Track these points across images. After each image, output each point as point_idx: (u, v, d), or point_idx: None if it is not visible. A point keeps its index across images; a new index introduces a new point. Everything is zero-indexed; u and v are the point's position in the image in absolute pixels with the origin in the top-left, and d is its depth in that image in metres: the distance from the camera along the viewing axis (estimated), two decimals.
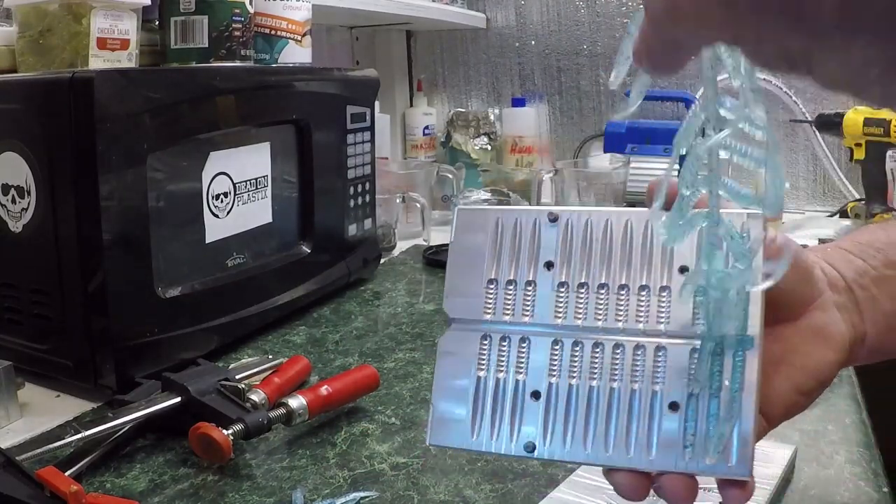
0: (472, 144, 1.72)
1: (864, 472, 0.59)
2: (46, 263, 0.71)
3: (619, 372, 0.37)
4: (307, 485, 0.59)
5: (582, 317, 0.38)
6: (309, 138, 0.95)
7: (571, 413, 0.37)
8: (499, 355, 0.39)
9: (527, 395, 0.38)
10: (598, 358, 0.37)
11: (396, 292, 1.07)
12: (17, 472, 0.53)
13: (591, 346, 0.37)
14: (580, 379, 0.37)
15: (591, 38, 1.72)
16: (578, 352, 0.37)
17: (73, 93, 0.67)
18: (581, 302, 0.38)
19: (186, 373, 0.68)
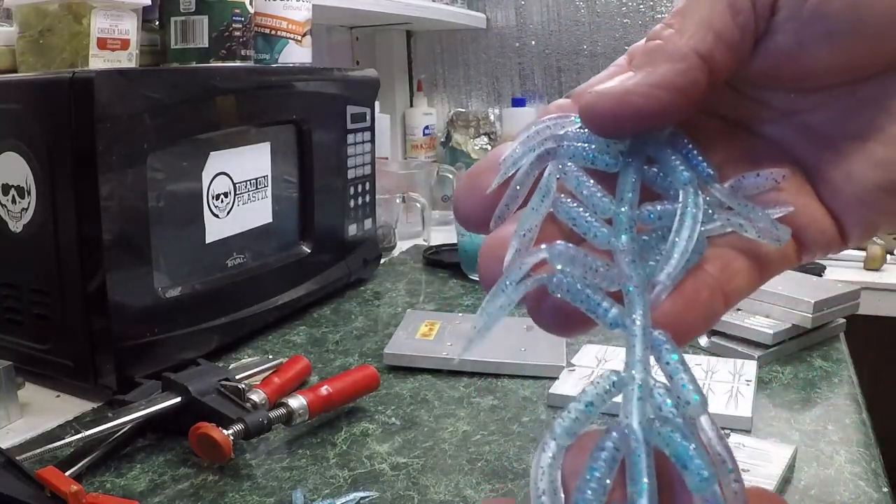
0: (472, 144, 1.72)
1: (864, 472, 0.59)
2: (46, 263, 0.71)
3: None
4: (307, 485, 0.59)
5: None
6: (309, 138, 0.95)
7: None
8: None
9: None
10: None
11: (396, 292, 1.08)
12: (17, 472, 0.53)
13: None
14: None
15: (591, 38, 1.72)
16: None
17: (73, 93, 0.67)
18: None
19: (186, 373, 0.68)
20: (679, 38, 0.24)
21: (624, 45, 1.69)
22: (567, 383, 0.73)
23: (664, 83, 0.23)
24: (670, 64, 0.23)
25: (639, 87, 0.23)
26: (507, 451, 0.64)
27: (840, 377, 0.77)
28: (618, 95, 0.23)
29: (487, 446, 0.65)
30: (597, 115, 0.24)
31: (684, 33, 0.24)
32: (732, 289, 0.24)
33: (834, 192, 0.25)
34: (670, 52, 0.24)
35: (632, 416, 0.21)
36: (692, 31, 0.24)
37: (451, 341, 0.83)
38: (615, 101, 0.23)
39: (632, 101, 0.23)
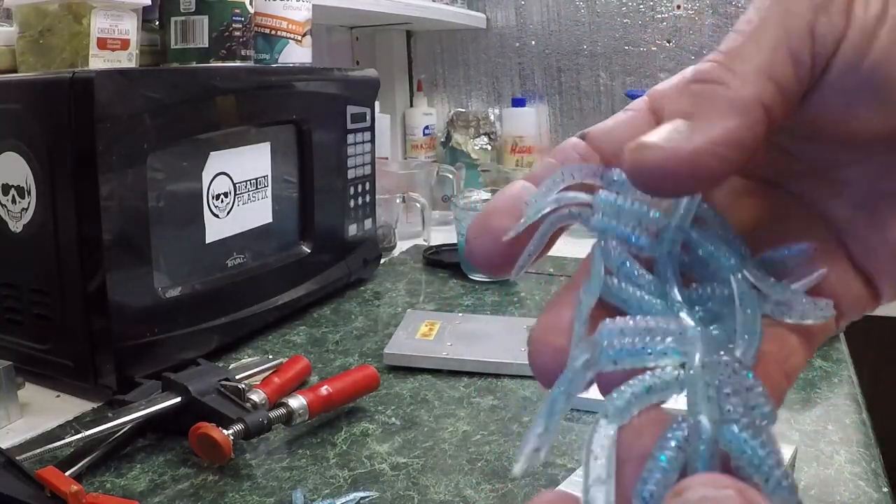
0: (472, 144, 1.72)
1: (864, 472, 0.59)
2: (46, 263, 0.71)
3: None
4: (307, 485, 0.59)
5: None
6: (309, 138, 0.95)
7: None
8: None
9: None
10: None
11: (396, 292, 1.07)
12: (17, 472, 0.53)
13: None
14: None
15: (591, 38, 1.72)
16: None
17: (73, 93, 0.67)
18: None
19: (186, 373, 0.68)
20: (741, 85, 0.21)
21: (624, 44, 1.69)
22: None
23: (728, 140, 0.20)
24: (735, 116, 0.21)
25: (709, 146, 0.20)
26: (507, 451, 0.64)
27: (840, 377, 0.77)
28: (675, 154, 0.20)
29: (487, 446, 0.65)
30: (650, 174, 0.21)
31: (746, 80, 0.21)
32: (791, 367, 0.23)
33: (868, 254, 0.25)
34: (733, 101, 0.21)
35: (701, 412, 0.20)
36: (753, 79, 0.21)
37: (451, 341, 0.83)
38: (673, 159, 0.20)
39: (701, 161, 0.20)
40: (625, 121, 0.25)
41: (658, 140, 0.21)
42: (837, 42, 0.21)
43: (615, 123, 0.25)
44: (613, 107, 1.73)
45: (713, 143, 0.20)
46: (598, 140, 0.25)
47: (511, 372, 0.78)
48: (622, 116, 0.25)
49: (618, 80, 1.72)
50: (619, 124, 0.25)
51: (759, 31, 0.22)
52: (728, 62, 0.21)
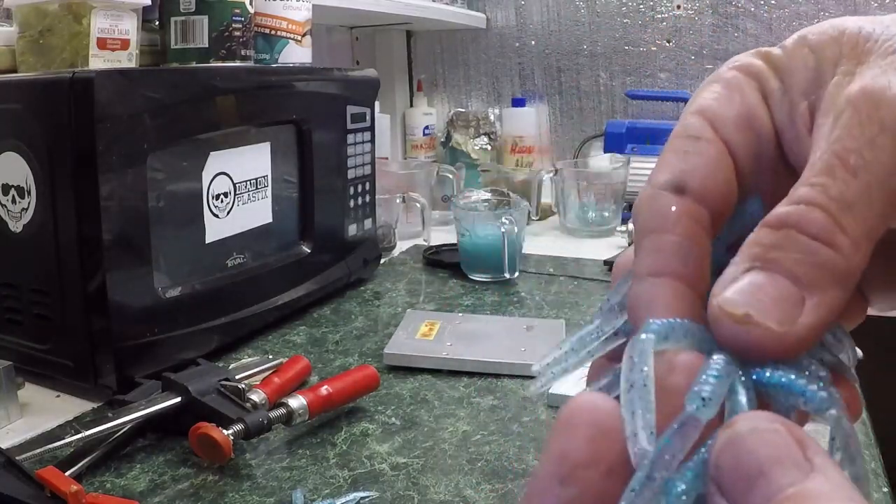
0: (472, 144, 1.72)
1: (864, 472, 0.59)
2: (46, 263, 0.71)
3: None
4: (307, 485, 0.59)
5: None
6: (309, 138, 0.95)
7: None
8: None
9: None
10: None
11: (396, 292, 1.07)
12: (17, 472, 0.53)
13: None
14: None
15: (591, 38, 1.72)
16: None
17: (73, 93, 0.67)
18: None
19: (186, 373, 0.68)
20: (851, 252, 0.19)
21: (624, 44, 1.69)
22: (567, 383, 0.73)
23: (833, 316, 0.19)
24: (843, 292, 0.19)
25: (814, 328, 0.19)
26: (507, 451, 0.64)
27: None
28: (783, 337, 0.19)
29: (487, 446, 0.65)
30: (751, 349, 0.19)
31: (857, 248, 0.19)
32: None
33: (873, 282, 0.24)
34: (846, 275, 0.19)
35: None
36: (864, 248, 0.19)
37: (451, 341, 0.83)
38: (780, 343, 0.19)
39: (801, 342, 0.19)
40: (713, 163, 0.22)
41: (767, 318, 0.19)
42: None
43: (705, 167, 0.22)
44: (613, 107, 1.73)
45: (820, 325, 0.19)
46: (703, 198, 0.22)
47: (511, 372, 0.78)
48: (704, 152, 0.22)
49: (618, 80, 1.72)
50: (705, 164, 0.22)
51: (871, 179, 0.19)
52: (839, 215, 0.19)
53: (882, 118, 0.20)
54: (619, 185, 1.38)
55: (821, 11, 1.52)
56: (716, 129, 0.22)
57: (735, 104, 0.22)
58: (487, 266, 1.10)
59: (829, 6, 1.51)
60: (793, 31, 0.23)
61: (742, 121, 0.22)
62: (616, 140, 1.56)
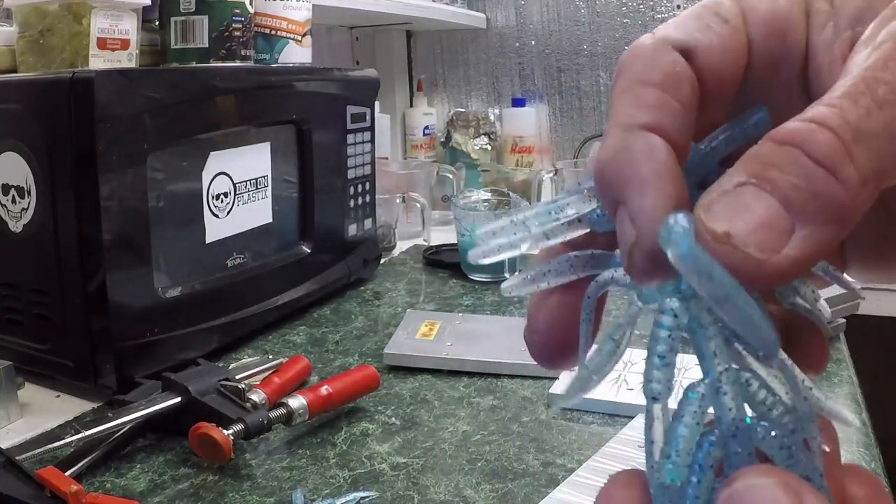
0: (472, 144, 1.72)
1: None
2: (46, 263, 0.71)
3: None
4: (307, 485, 0.59)
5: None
6: (309, 138, 0.95)
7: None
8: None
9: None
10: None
11: (396, 292, 1.07)
12: (17, 472, 0.53)
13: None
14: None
15: (591, 38, 1.72)
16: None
17: (73, 93, 0.67)
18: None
19: (186, 373, 0.68)
20: (858, 188, 0.17)
21: (624, 44, 1.69)
22: (567, 383, 0.73)
23: (823, 253, 0.18)
24: (839, 229, 0.18)
25: (799, 262, 0.18)
26: (507, 451, 0.64)
27: (840, 377, 0.77)
28: (774, 272, 0.18)
29: (487, 446, 0.65)
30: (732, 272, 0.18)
31: (865, 185, 0.18)
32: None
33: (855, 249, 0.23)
34: (845, 211, 0.18)
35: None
36: (871, 186, 0.18)
37: (451, 341, 0.83)
38: (760, 270, 0.18)
39: (784, 276, 0.18)
40: (727, 44, 0.20)
41: (748, 242, 0.18)
42: None
43: (722, 47, 0.20)
44: None
45: (805, 259, 0.18)
46: (706, 72, 0.20)
47: (511, 372, 0.78)
48: (724, 35, 0.20)
49: None
50: (726, 50, 0.20)
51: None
52: (851, 144, 0.18)
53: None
54: None
55: None
56: (746, 21, 0.21)
57: (778, 13, 0.21)
58: (487, 266, 1.10)
59: None
60: None
61: (774, 25, 0.21)
62: None
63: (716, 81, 0.20)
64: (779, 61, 0.21)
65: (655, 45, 0.20)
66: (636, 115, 0.19)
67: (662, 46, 0.20)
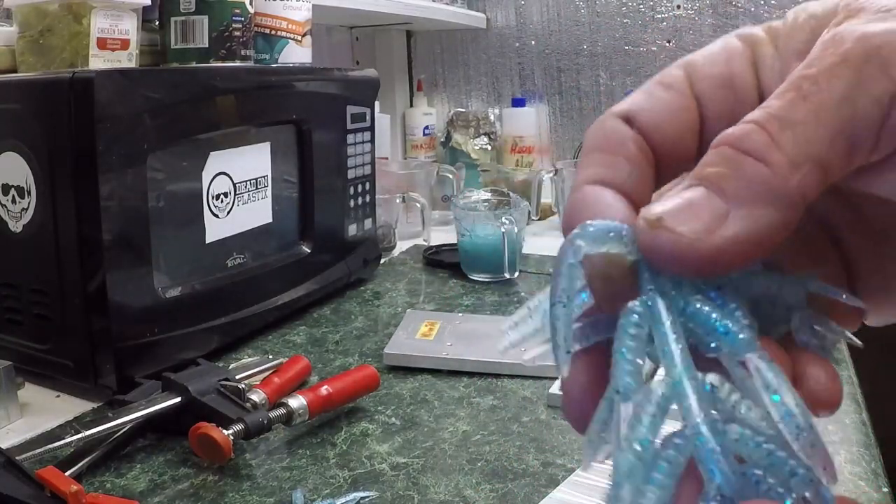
0: (472, 144, 1.72)
1: (864, 472, 0.59)
2: (46, 263, 0.71)
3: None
4: (307, 485, 0.59)
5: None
6: (309, 138, 0.95)
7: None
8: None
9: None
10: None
11: (396, 292, 1.07)
12: (17, 472, 0.53)
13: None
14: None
15: (591, 38, 1.72)
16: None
17: (73, 93, 0.67)
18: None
19: (186, 373, 0.68)
20: (788, 172, 0.19)
21: (624, 44, 1.69)
22: None
23: (763, 238, 0.19)
24: (775, 211, 0.19)
25: (735, 243, 0.18)
26: (507, 451, 0.64)
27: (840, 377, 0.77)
28: (694, 246, 0.19)
29: (487, 446, 0.65)
30: (663, 258, 0.19)
31: (796, 168, 0.19)
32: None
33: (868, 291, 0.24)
34: (775, 192, 0.19)
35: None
36: (806, 170, 0.19)
37: (451, 341, 0.83)
38: (691, 251, 0.19)
39: (722, 259, 0.19)
40: (671, 105, 0.22)
41: (678, 224, 0.19)
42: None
43: (662, 107, 0.22)
44: None
45: (740, 240, 0.18)
46: (648, 130, 0.22)
47: (511, 372, 0.78)
48: (664, 98, 0.22)
49: (618, 80, 1.72)
50: (667, 108, 0.22)
51: (821, 102, 0.19)
52: (777, 132, 0.19)
53: (846, 52, 0.19)
54: None
55: None
56: (692, 83, 0.22)
57: (719, 65, 0.23)
58: (487, 266, 1.10)
59: None
60: None
61: (722, 80, 0.23)
62: None
63: (662, 137, 0.22)
64: (734, 110, 0.22)
65: (603, 118, 0.23)
66: (583, 175, 0.21)
67: (608, 118, 0.22)
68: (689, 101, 0.22)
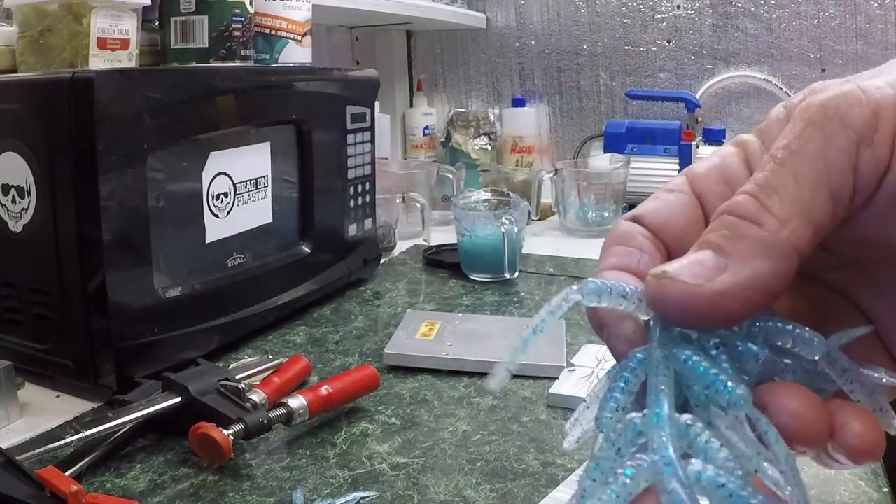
0: (472, 144, 1.72)
1: (864, 472, 0.59)
2: (46, 263, 0.71)
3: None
4: (307, 485, 0.59)
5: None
6: (309, 138, 0.95)
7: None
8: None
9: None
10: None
11: (396, 292, 1.07)
12: (17, 472, 0.53)
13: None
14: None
15: (591, 38, 1.72)
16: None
17: (73, 93, 0.67)
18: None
19: (186, 373, 0.68)
20: (777, 227, 0.21)
21: (624, 44, 1.69)
22: (567, 383, 0.73)
23: (760, 285, 0.21)
24: (770, 262, 0.21)
25: (734, 288, 0.21)
26: (507, 451, 0.64)
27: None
28: (697, 293, 0.21)
29: (487, 446, 0.65)
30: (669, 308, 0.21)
31: (785, 224, 0.21)
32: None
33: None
34: (767, 244, 0.21)
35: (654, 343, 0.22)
36: (794, 225, 0.21)
37: (451, 341, 0.83)
38: (694, 298, 0.21)
39: (723, 304, 0.21)
40: (674, 204, 0.25)
41: (681, 274, 0.21)
42: (881, 176, 0.21)
43: (666, 206, 0.26)
44: (613, 106, 1.73)
45: (739, 287, 0.21)
46: (656, 226, 0.25)
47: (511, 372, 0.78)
48: (669, 198, 0.26)
49: (618, 80, 1.72)
50: (670, 208, 0.25)
51: (797, 164, 0.21)
52: (764, 198, 0.21)
53: (811, 116, 0.22)
54: (619, 186, 1.38)
55: (820, 11, 1.52)
56: (692, 184, 0.26)
57: (715, 166, 0.26)
58: (487, 266, 1.10)
59: (829, 6, 1.51)
60: (793, 31, 0.25)
61: (719, 178, 0.26)
62: (616, 140, 1.56)
63: (670, 231, 0.25)
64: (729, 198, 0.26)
65: (617, 223, 0.26)
66: (602, 265, 0.25)
67: (620, 221, 0.26)
68: (691, 198, 0.26)
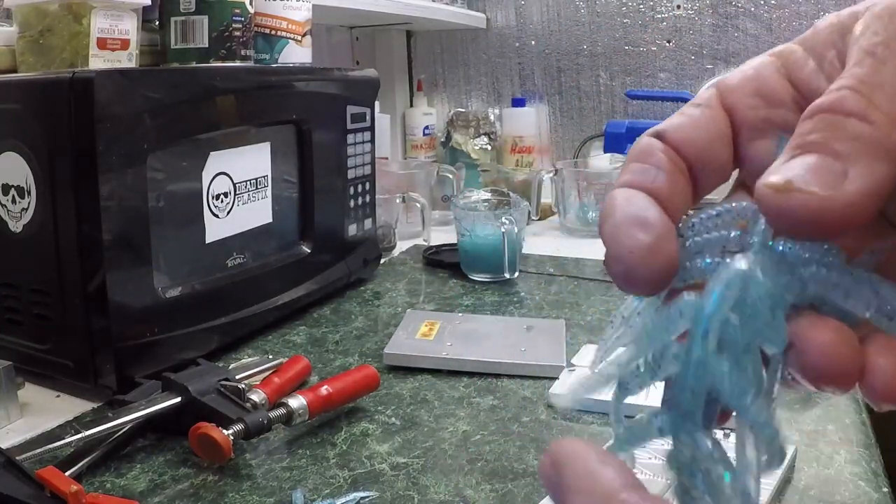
0: (472, 144, 1.72)
1: (864, 472, 0.59)
2: (46, 263, 0.71)
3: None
4: (307, 485, 0.59)
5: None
6: (309, 138, 0.95)
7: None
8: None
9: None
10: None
11: (396, 292, 1.07)
12: (17, 472, 0.53)
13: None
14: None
15: (591, 38, 1.72)
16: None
17: (73, 93, 0.67)
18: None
19: (186, 373, 0.68)
20: (889, 125, 0.20)
21: (624, 44, 1.69)
22: (567, 383, 0.73)
23: (879, 190, 0.19)
24: (886, 164, 0.19)
25: (860, 197, 0.19)
26: (507, 451, 0.64)
27: None
28: (830, 203, 0.19)
29: (487, 446, 0.65)
30: (799, 221, 0.19)
31: (894, 124, 0.20)
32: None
33: None
34: (884, 145, 0.20)
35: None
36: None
37: (451, 341, 0.83)
38: (829, 210, 0.19)
39: (851, 214, 0.19)
40: (699, 120, 0.24)
41: (810, 184, 0.19)
42: None
43: (690, 122, 0.24)
44: (613, 106, 1.73)
45: (865, 194, 0.19)
46: (677, 143, 0.24)
47: (511, 372, 0.78)
48: (695, 113, 0.25)
49: (618, 80, 1.72)
50: (695, 123, 0.24)
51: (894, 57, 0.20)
52: (868, 93, 0.20)
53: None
54: None
55: (820, 11, 1.52)
56: (722, 98, 0.25)
57: (750, 77, 0.25)
58: (487, 266, 1.10)
59: (829, 6, 1.51)
60: (793, 30, 0.25)
61: (753, 90, 0.25)
62: (616, 140, 1.56)
63: (693, 147, 0.24)
64: (768, 116, 0.25)
65: (639, 139, 0.25)
66: (618, 182, 0.24)
67: (642, 137, 0.25)
68: (719, 112, 0.25)
